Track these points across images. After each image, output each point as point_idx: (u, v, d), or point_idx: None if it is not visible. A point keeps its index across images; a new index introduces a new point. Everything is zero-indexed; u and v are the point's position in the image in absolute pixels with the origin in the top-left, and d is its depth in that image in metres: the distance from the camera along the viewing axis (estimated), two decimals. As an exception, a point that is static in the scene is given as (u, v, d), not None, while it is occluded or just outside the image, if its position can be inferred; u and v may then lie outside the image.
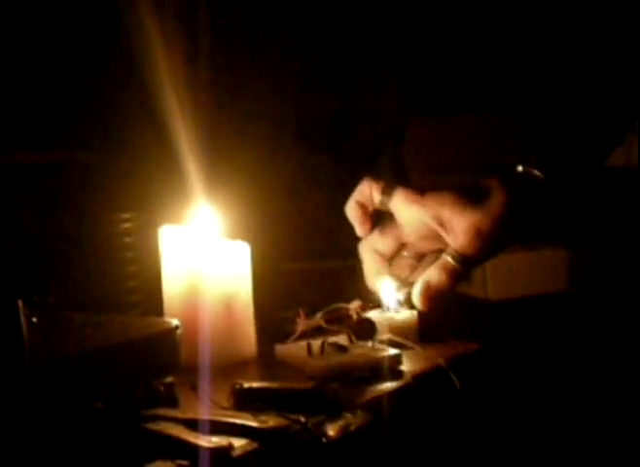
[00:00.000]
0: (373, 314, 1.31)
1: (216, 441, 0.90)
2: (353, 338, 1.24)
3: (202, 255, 1.22)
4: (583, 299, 1.44)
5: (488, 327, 1.39)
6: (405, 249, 1.11)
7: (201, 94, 1.45)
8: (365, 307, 1.34)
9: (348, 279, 1.57)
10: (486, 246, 1.02)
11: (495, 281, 1.47)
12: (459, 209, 0.99)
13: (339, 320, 1.32)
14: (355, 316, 1.32)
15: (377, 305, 1.34)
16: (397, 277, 1.18)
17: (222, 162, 1.45)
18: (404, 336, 1.26)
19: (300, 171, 1.64)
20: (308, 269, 1.60)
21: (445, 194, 1.00)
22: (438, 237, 1.05)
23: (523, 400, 1.29)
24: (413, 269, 1.15)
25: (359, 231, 1.10)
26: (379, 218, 1.12)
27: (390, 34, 1.53)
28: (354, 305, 1.34)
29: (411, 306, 1.17)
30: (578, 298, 1.45)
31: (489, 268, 1.46)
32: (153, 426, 0.92)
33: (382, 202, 1.06)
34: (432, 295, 1.08)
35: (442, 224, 1.01)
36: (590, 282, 1.47)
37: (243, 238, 1.27)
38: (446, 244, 1.05)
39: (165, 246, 1.26)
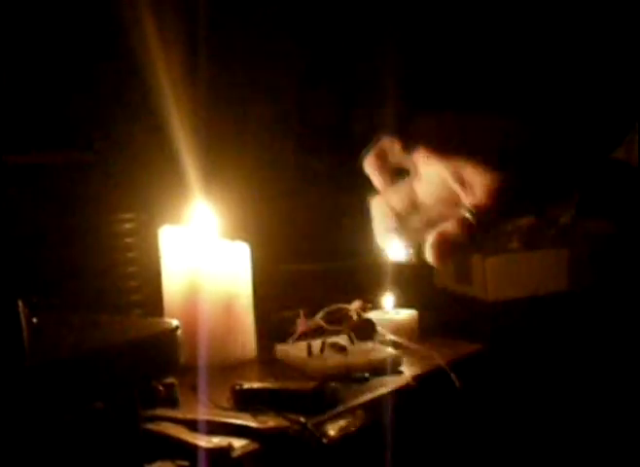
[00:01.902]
0: (373, 315, 1.31)
1: (216, 441, 0.90)
2: (353, 338, 1.24)
3: (202, 255, 1.23)
4: (583, 299, 1.44)
5: (488, 327, 1.39)
6: (417, 211, 1.11)
7: (201, 96, 1.45)
8: (365, 308, 1.34)
9: (348, 280, 1.57)
10: (503, 205, 1.03)
11: (495, 281, 1.47)
12: (480, 168, 1.00)
13: (339, 320, 1.32)
14: (355, 317, 1.32)
15: (377, 305, 1.34)
16: (407, 233, 1.17)
17: (221, 164, 1.45)
18: (404, 336, 1.26)
19: (299, 172, 1.64)
20: (308, 270, 1.60)
21: (469, 152, 1.01)
22: (453, 202, 1.05)
23: (523, 400, 1.29)
24: (422, 231, 1.15)
25: (376, 182, 1.10)
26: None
27: (390, 34, 1.53)
28: (354, 306, 1.34)
29: (421, 261, 1.16)
30: (578, 298, 1.45)
31: (489, 267, 1.46)
32: (153, 426, 0.92)
33: (402, 158, 1.06)
34: (446, 247, 1.08)
35: (462, 182, 1.02)
36: (590, 282, 1.47)
37: (243, 239, 1.27)
38: (459, 212, 1.06)
39: (165, 247, 1.26)
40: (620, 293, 1.41)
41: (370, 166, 1.07)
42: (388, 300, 1.33)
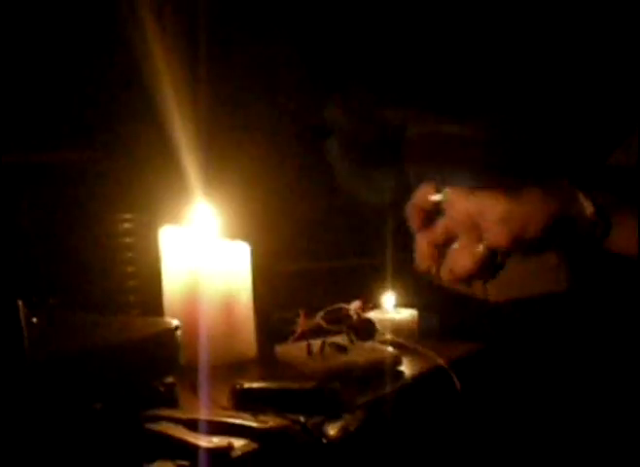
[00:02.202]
0: (373, 315, 1.31)
1: (216, 441, 0.90)
2: (353, 338, 1.24)
3: (202, 255, 1.23)
4: (583, 299, 1.44)
5: (488, 327, 1.39)
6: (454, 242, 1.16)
7: (201, 96, 1.45)
8: (365, 308, 1.34)
9: (348, 280, 1.57)
10: (515, 240, 1.07)
11: (495, 281, 1.47)
12: (498, 204, 1.05)
13: (339, 320, 1.32)
14: (355, 317, 1.32)
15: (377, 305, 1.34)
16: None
17: (221, 164, 1.45)
18: (404, 336, 1.26)
19: (299, 172, 1.64)
20: (308, 270, 1.60)
21: (490, 191, 1.06)
22: (480, 231, 1.09)
23: (523, 400, 1.29)
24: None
25: (414, 226, 1.15)
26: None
27: (389, 36, 1.53)
28: (354, 306, 1.34)
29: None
30: (578, 298, 1.45)
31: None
32: (153, 426, 0.92)
33: (435, 201, 1.12)
34: (457, 273, 1.12)
35: (482, 216, 1.06)
36: (590, 282, 1.47)
37: (243, 239, 1.27)
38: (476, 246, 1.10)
39: (166, 246, 1.26)
40: (620, 293, 1.41)
41: (410, 213, 1.12)
42: (388, 300, 1.33)
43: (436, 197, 1.10)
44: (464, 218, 1.08)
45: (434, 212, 1.13)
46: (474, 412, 1.18)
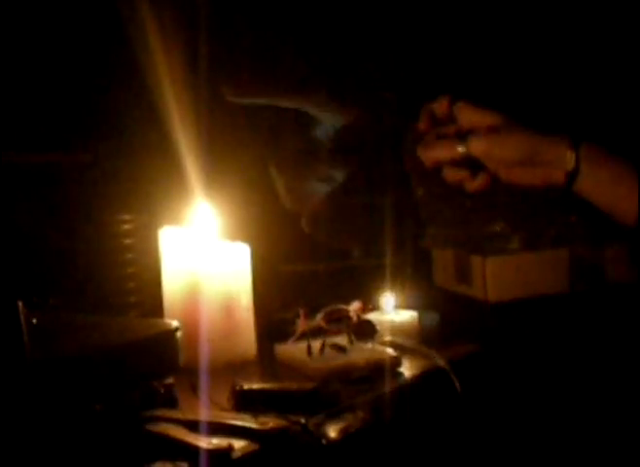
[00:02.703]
0: (373, 316, 1.31)
1: (216, 442, 0.90)
2: (353, 338, 1.24)
3: (202, 256, 1.23)
4: (583, 300, 1.44)
5: (488, 328, 1.39)
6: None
7: (202, 97, 1.45)
8: (364, 308, 1.34)
9: (348, 280, 1.57)
10: (489, 156, 1.14)
11: (495, 282, 1.47)
12: (493, 121, 1.14)
13: (339, 321, 1.32)
14: (355, 317, 1.32)
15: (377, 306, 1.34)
16: None
17: (221, 165, 1.45)
18: (405, 337, 1.26)
19: (300, 173, 1.64)
20: (308, 271, 1.60)
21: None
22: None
23: (523, 401, 1.29)
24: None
25: (422, 127, 1.19)
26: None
27: (390, 36, 1.53)
28: (354, 306, 1.34)
29: None
30: (578, 299, 1.45)
31: (489, 268, 1.46)
32: (153, 427, 0.92)
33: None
34: (429, 157, 1.17)
35: (475, 125, 1.15)
36: (591, 283, 1.47)
37: (243, 240, 1.27)
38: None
39: (165, 248, 1.26)
40: (620, 293, 1.41)
41: (423, 111, 1.15)
42: (388, 301, 1.33)
43: (460, 149, 1.13)
44: (463, 124, 1.15)
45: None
46: (474, 412, 1.18)
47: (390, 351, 1.19)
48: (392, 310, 1.33)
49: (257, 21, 1.49)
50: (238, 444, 0.91)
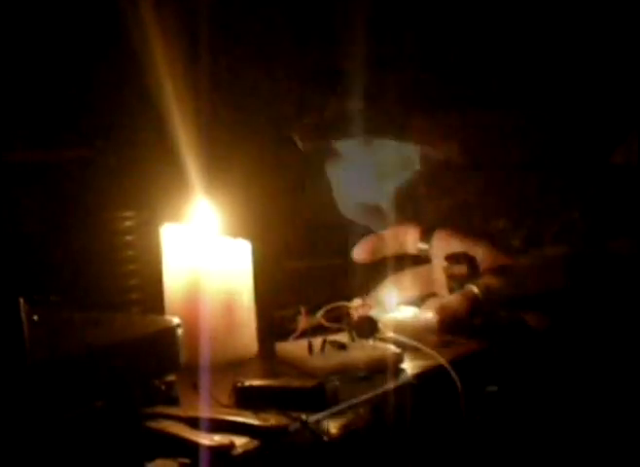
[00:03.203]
0: (375, 313, 1.31)
1: (217, 439, 0.90)
2: (354, 336, 1.24)
3: (203, 253, 1.22)
4: (583, 297, 1.43)
5: (488, 327, 1.38)
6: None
7: (202, 93, 1.45)
8: (366, 306, 1.34)
9: (349, 277, 1.57)
10: (508, 287, 1.11)
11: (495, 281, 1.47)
12: (492, 250, 1.10)
13: (340, 318, 1.32)
14: (356, 314, 1.32)
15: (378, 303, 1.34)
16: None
17: (223, 160, 1.45)
18: (407, 334, 1.25)
19: (301, 169, 1.64)
20: (309, 268, 1.60)
21: (481, 238, 1.12)
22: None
23: (524, 399, 1.29)
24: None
25: (360, 253, 1.18)
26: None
27: (391, 30, 1.53)
28: (355, 304, 1.34)
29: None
30: (578, 296, 1.44)
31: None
32: (154, 424, 0.92)
33: (420, 247, 1.16)
34: (447, 316, 1.14)
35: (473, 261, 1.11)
36: (591, 280, 1.46)
37: (244, 236, 1.27)
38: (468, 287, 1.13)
39: (166, 244, 1.26)
40: (620, 291, 1.41)
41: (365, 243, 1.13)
42: (391, 298, 1.32)
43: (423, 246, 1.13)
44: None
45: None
46: (474, 410, 1.18)
47: (391, 348, 1.19)
48: (395, 308, 1.32)
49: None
50: (239, 440, 0.91)
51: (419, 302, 1.29)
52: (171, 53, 1.39)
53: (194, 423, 0.93)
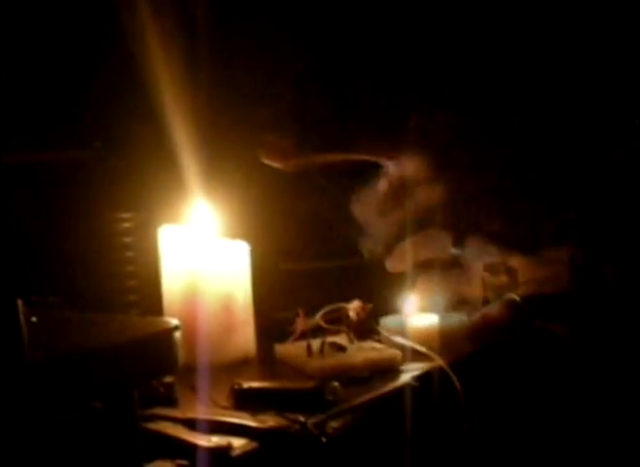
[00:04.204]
0: (392, 319, 1.28)
1: (215, 440, 0.90)
2: (353, 337, 1.24)
3: (202, 255, 1.22)
4: (585, 298, 1.43)
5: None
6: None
7: (201, 94, 1.45)
8: (364, 308, 1.34)
9: (348, 279, 1.57)
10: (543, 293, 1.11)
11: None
12: (529, 259, 1.10)
13: (339, 320, 1.31)
14: (355, 316, 1.32)
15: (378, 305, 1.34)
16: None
17: (221, 162, 1.45)
18: (425, 342, 1.22)
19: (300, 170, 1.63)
20: (308, 269, 1.60)
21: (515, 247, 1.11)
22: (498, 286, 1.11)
23: (524, 400, 1.29)
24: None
25: (395, 265, 1.17)
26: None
27: (390, 31, 1.53)
28: (354, 305, 1.34)
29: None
30: (580, 297, 1.44)
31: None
32: (152, 426, 0.92)
33: (453, 252, 1.15)
34: (487, 325, 1.13)
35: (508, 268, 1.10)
36: (593, 281, 1.46)
37: (243, 238, 1.26)
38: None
39: (165, 246, 1.25)
40: (622, 292, 1.41)
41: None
42: (410, 303, 1.28)
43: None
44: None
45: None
46: (474, 412, 1.18)
47: (390, 350, 1.19)
48: (413, 313, 1.28)
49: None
50: (238, 442, 0.91)
51: (450, 307, 1.27)
52: (169, 55, 1.39)
53: (192, 425, 0.93)
